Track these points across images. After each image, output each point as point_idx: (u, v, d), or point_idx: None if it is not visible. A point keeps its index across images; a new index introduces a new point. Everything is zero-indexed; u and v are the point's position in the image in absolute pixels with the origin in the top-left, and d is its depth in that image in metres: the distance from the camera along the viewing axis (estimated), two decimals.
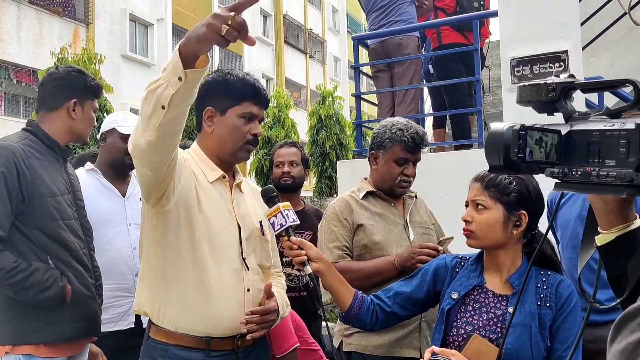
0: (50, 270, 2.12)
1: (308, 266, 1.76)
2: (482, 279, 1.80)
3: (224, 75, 1.90)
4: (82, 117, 2.32)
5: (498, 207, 1.74)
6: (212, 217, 1.82)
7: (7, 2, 14.96)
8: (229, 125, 1.87)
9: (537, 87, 1.00)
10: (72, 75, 2.33)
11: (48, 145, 2.25)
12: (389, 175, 2.44)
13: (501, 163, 0.93)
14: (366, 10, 5.04)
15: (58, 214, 2.17)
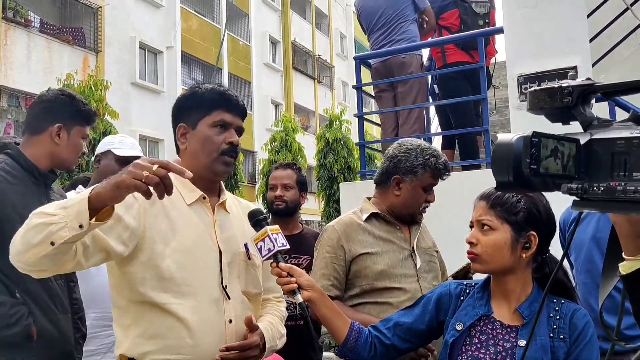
0: (17, 306, 1.97)
1: (299, 295, 1.62)
2: (489, 308, 1.64)
3: (192, 89, 1.81)
4: (67, 143, 2.21)
5: (505, 227, 1.59)
6: (189, 244, 1.68)
7: (17, 31, 15.17)
8: (201, 138, 1.74)
9: (550, 91, 0.86)
10: (60, 99, 2.23)
11: (26, 169, 2.13)
12: (415, 202, 2.29)
13: (510, 179, 0.80)
14: (367, 31, 4.97)
15: None
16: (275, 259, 1.64)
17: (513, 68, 3.77)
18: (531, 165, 0.77)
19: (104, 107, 10.07)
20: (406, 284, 2.21)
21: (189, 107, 1.78)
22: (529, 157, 0.77)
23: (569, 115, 0.86)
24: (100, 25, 17.19)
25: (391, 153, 2.34)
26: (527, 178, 0.78)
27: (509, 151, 0.80)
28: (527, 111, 0.92)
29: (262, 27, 25.16)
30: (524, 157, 0.77)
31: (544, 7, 3.71)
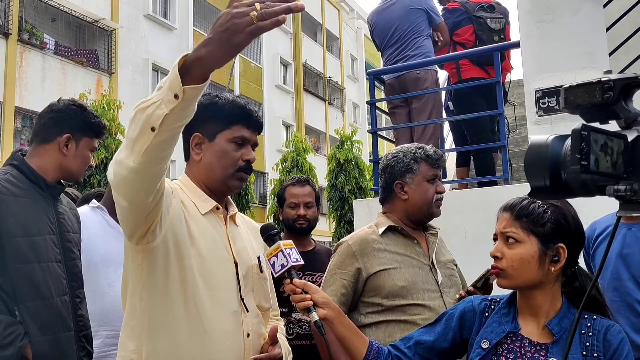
0: (13, 325, 1.88)
1: (314, 312, 1.54)
2: (516, 324, 1.55)
3: (211, 98, 1.72)
4: (75, 154, 2.15)
5: (532, 240, 1.51)
6: (206, 253, 1.62)
7: (32, 53, 15.40)
8: (218, 152, 1.69)
9: (588, 87, 0.80)
10: (71, 109, 2.19)
11: (33, 181, 2.08)
12: (426, 196, 2.24)
13: (547, 183, 0.73)
14: (381, 47, 4.91)
15: (33, 255, 1.97)
16: (289, 274, 1.57)
17: (530, 83, 3.70)
18: (582, 162, 0.70)
19: (117, 127, 10.12)
20: (429, 300, 2.13)
21: (208, 118, 1.68)
22: (578, 151, 0.70)
23: (608, 113, 0.80)
24: (114, 47, 17.43)
25: (382, 166, 2.35)
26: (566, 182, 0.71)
27: (544, 153, 0.73)
28: (561, 109, 0.85)
29: (273, 49, 25.39)
30: (574, 152, 0.70)
31: (562, 21, 3.65)
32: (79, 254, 2.20)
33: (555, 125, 3.61)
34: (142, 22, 18.78)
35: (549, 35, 3.67)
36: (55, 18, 16.81)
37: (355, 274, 2.16)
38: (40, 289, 1.95)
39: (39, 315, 1.93)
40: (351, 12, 34.19)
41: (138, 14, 18.61)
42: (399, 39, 4.68)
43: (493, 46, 4.35)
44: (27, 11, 15.57)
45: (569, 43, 3.61)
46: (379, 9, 4.91)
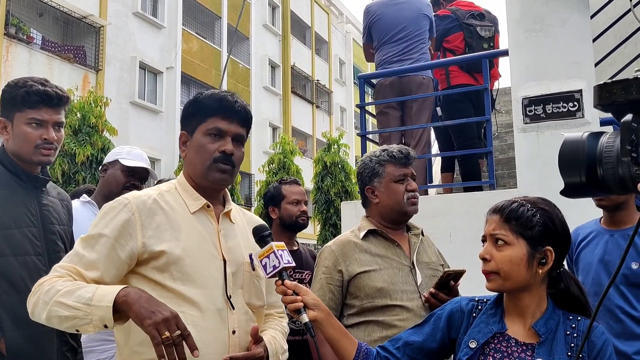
0: None
1: (304, 314, 1.56)
2: (503, 324, 1.58)
3: (196, 96, 1.77)
4: (13, 134, 2.02)
5: (521, 242, 1.54)
6: (192, 252, 1.63)
7: (19, 47, 15.22)
8: (196, 146, 1.71)
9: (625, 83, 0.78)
10: (4, 91, 2.05)
11: (12, 171, 2.01)
12: (395, 196, 2.26)
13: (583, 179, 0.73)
14: (378, 41, 4.79)
15: (9, 248, 1.92)
16: (280, 276, 1.59)
17: (517, 90, 3.75)
18: (632, 153, 0.70)
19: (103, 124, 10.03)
20: (407, 301, 2.15)
21: (190, 115, 1.75)
22: (629, 143, 0.70)
23: None
24: (102, 44, 17.29)
25: (356, 174, 2.42)
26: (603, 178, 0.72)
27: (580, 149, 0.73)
28: (594, 107, 0.83)
29: (262, 51, 25.37)
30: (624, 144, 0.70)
31: (549, 31, 3.71)
32: (65, 247, 2.14)
33: (540, 132, 3.67)
34: (131, 20, 18.65)
35: (537, 44, 3.73)
36: (42, 13, 16.64)
37: (339, 277, 2.20)
38: (15, 283, 1.90)
39: (14, 309, 1.88)
40: (340, 16, 34.28)
41: (127, 11, 18.48)
42: (405, 39, 4.63)
43: (482, 53, 4.41)
44: (14, 5, 15.39)
45: (556, 52, 3.67)
46: (386, 1, 4.80)
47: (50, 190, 2.17)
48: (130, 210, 1.60)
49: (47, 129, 2.03)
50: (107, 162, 2.78)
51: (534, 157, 3.62)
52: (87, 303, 1.45)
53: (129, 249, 1.58)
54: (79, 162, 9.36)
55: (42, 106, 2.02)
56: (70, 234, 2.23)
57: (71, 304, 1.46)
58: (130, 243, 1.58)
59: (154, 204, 1.64)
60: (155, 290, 1.57)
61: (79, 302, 1.45)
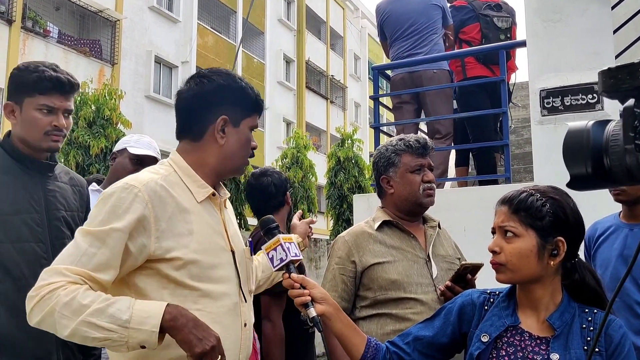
0: None
1: (312, 308, 1.52)
2: (515, 318, 1.53)
3: (238, 82, 1.67)
4: (22, 119, 1.95)
5: (530, 233, 1.48)
6: (207, 247, 1.56)
7: (35, 41, 15.35)
8: (243, 139, 1.65)
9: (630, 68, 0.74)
10: (11, 75, 2.00)
11: (15, 158, 1.96)
12: (411, 187, 2.20)
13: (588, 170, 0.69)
14: (390, 38, 4.76)
15: (4, 235, 1.86)
16: (287, 269, 1.55)
17: (535, 82, 3.68)
18: (636, 140, 0.66)
19: (117, 116, 10.07)
20: (422, 294, 2.10)
21: (237, 102, 1.64)
22: (632, 129, 0.66)
23: None
24: (118, 38, 17.38)
25: (372, 163, 2.36)
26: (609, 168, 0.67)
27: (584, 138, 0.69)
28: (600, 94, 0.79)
29: (277, 46, 25.34)
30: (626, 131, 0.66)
31: (569, 22, 3.63)
32: (72, 233, 2.04)
33: (558, 125, 3.59)
34: (147, 14, 18.71)
35: (555, 34, 3.65)
36: (59, 7, 16.75)
37: (352, 268, 2.15)
38: (11, 270, 1.85)
39: (9, 296, 1.82)
40: (356, 11, 34.12)
41: (142, 5, 18.54)
42: (414, 33, 4.56)
43: (499, 44, 4.32)
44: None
45: (575, 43, 3.58)
46: None
47: (60, 176, 2.12)
48: (143, 201, 1.47)
49: (57, 115, 1.99)
50: (116, 150, 2.76)
51: (552, 150, 3.54)
52: (123, 325, 1.35)
53: (141, 244, 1.46)
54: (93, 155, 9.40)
55: (53, 92, 1.98)
56: (81, 220, 2.18)
57: (104, 325, 1.34)
58: (142, 237, 1.46)
59: (162, 190, 1.52)
60: (170, 287, 1.50)
61: (114, 323, 1.35)
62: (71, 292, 1.36)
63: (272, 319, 2.51)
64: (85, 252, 1.42)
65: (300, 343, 2.72)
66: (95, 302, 1.36)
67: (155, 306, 1.40)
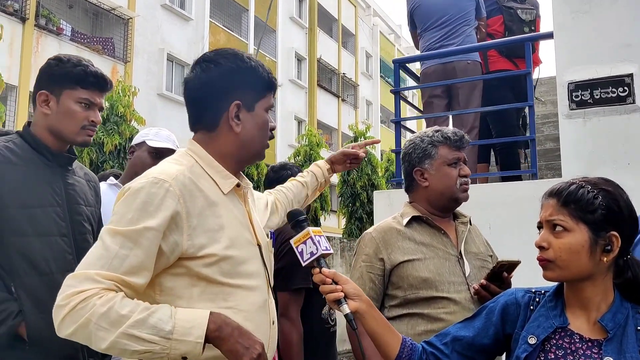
0: (5, 302, 1.75)
1: (345, 305, 1.43)
2: (564, 319, 1.44)
3: (247, 62, 1.55)
4: (57, 111, 1.92)
5: (581, 228, 1.39)
6: (237, 243, 1.48)
7: (49, 38, 15.40)
8: (260, 122, 1.55)
9: None
10: (46, 64, 1.97)
11: (36, 149, 1.92)
12: (448, 181, 2.10)
13: None
14: (420, 29, 4.60)
15: (31, 228, 1.81)
16: (317, 263, 1.46)
17: (563, 75, 3.56)
18: None
19: (131, 113, 10.04)
20: (455, 293, 2.01)
21: (248, 85, 1.54)
22: None
23: None
24: (130, 36, 17.40)
25: (402, 155, 2.26)
26: None
27: None
28: None
29: (288, 44, 25.28)
30: None
31: (598, 12, 3.51)
32: (92, 229, 2.05)
33: (587, 119, 3.47)
34: (159, 12, 18.73)
35: (584, 25, 3.53)
36: (72, 5, 16.81)
37: (381, 265, 2.06)
38: (38, 264, 1.81)
39: (36, 292, 1.79)
40: (367, 9, 33.99)
41: (155, 3, 18.56)
42: (446, 24, 4.42)
43: (525, 36, 4.20)
44: None
45: (605, 34, 3.46)
46: None
47: (76, 170, 2.09)
48: (175, 196, 1.37)
49: (94, 111, 1.99)
50: (135, 144, 2.71)
51: (580, 145, 3.44)
52: (166, 337, 1.27)
53: (174, 242, 1.37)
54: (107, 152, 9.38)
55: (94, 88, 1.98)
56: (97, 216, 2.14)
57: (146, 337, 1.26)
58: (175, 235, 1.37)
59: (191, 183, 1.43)
60: (200, 285, 1.41)
61: (157, 335, 1.27)
62: (108, 301, 1.27)
63: (291, 316, 2.44)
64: (116, 254, 1.32)
65: (321, 342, 2.64)
66: (135, 312, 1.27)
67: (199, 315, 1.33)
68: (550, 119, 6.33)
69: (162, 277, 1.40)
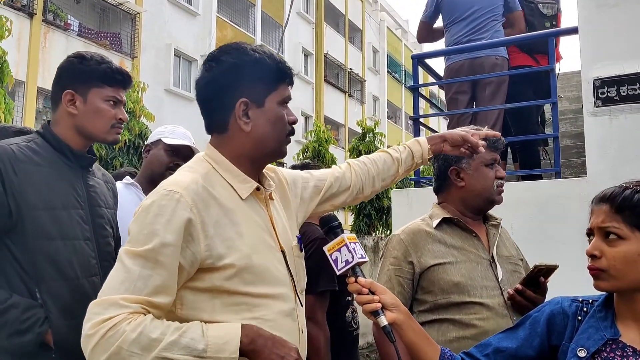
0: (32, 308, 1.69)
1: (382, 316, 1.37)
2: (615, 330, 1.36)
3: (252, 54, 1.46)
4: (85, 110, 1.87)
5: (638, 236, 1.32)
6: (258, 250, 1.41)
7: (56, 34, 15.36)
8: (272, 118, 1.46)
9: None
10: (68, 62, 1.91)
11: (58, 149, 1.86)
12: (485, 181, 2.03)
13: None
14: (447, 21, 4.46)
15: (57, 231, 1.75)
16: (353, 272, 1.40)
17: (588, 71, 3.47)
18: None
19: (140, 109, 9.98)
20: (488, 298, 1.93)
21: (254, 79, 1.45)
22: None
23: None
24: (137, 31, 17.34)
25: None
26: None
27: None
28: None
29: (295, 39, 25.17)
30: None
31: (625, 6, 3.41)
32: (113, 232, 2.00)
33: (614, 117, 3.38)
34: (166, 7, 18.66)
35: (610, 20, 3.44)
36: (79, 0, 16.75)
37: (410, 269, 1.99)
38: (63, 269, 1.75)
39: (62, 297, 1.73)
40: (375, 4, 33.84)
41: None
42: (475, 18, 4.28)
43: (548, 31, 4.10)
44: None
45: (632, 29, 3.37)
46: None
47: (95, 171, 2.03)
48: (187, 206, 1.32)
49: (121, 109, 1.96)
50: (150, 142, 2.64)
51: (606, 143, 3.34)
52: (200, 356, 1.24)
53: (191, 254, 1.32)
54: (116, 148, 9.33)
55: (119, 86, 1.95)
56: (116, 218, 2.08)
57: (179, 359, 1.23)
58: (191, 247, 1.32)
59: (204, 192, 1.37)
60: (222, 297, 1.35)
61: (190, 355, 1.24)
62: (137, 325, 1.23)
63: (318, 320, 2.38)
64: (139, 275, 1.28)
65: (344, 346, 2.57)
66: (167, 334, 1.24)
67: (231, 330, 1.29)
68: (566, 116, 6.23)
69: (182, 291, 1.35)
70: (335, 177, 1.77)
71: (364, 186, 1.81)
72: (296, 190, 1.69)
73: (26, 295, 1.70)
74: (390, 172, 1.85)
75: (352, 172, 1.80)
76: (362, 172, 1.81)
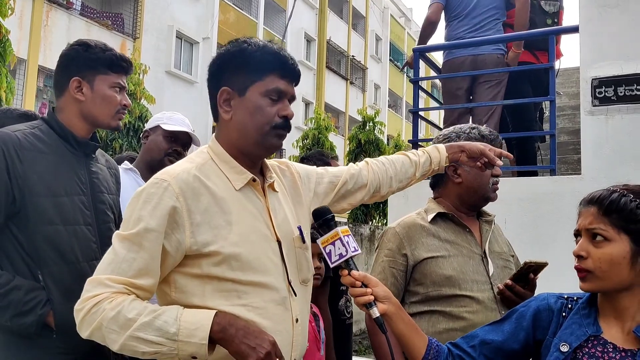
0: (34, 290, 1.75)
1: (375, 308, 1.43)
2: (597, 327, 1.42)
3: (239, 45, 1.50)
4: (93, 97, 1.91)
5: (623, 238, 1.36)
6: (247, 239, 1.45)
7: (58, 13, 15.28)
8: (251, 108, 1.47)
9: None
10: (73, 50, 1.95)
11: (61, 136, 1.90)
12: (482, 179, 2.07)
13: None
14: (449, 15, 4.44)
15: (59, 216, 1.80)
16: (346, 265, 1.44)
17: (587, 70, 3.50)
18: None
19: (141, 92, 9.98)
20: (478, 292, 1.99)
21: (236, 68, 1.48)
22: None
23: None
24: (140, 12, 17.25)
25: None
26: None
27: None
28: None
29: (298, 24, 25.05)
30: None
31: (626, 6, 3.44)
32: (115, 217, 2.04)
33: (610, 116, 3.42)
34: None
35: (611, 20, 3.47)
36: None
37: (404, 261, 2.04)
38: (65, 253, 1.81)
39: (63, 280, 1.79)
40: None
41: None
42: (479, 14, 4.29)
43: (549, 29, 4.12)
44: None
45: (633, 30, 3.40)
46: None
47: (98, 157, 2.08)
48: (173, 194, 1.38)
49: (124, 95, 2.02)
50: (149, 128, 2.68)
51: (602, 143, 3.39)
52: (172, 338, 1.31)
53: (176, 240, 1.39)
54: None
55: (123, 73, 2.01)
56: (118, 204, 2.13)
57: (152, 339, 1.31)
58: (176, 233, 1.38)
59: (196, 181, 1.43)
60: (212, 283, 1.41)
61: (162, 336, 1.31)
62: (117, 305, 1.33)
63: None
64: (124, 258, 1.37)
65: (338, 334, 2.64)
66: (142, 315, 1.32)
67: (204, 317, 1.34)
68: (565, 112, 6.27)
69: (175, 275, 1.43)
70: (350, 174, 1.79)
71: (381, 185, 1.83)
72: (310, 185, 1.72)
73: (29, 278, 1.76)
74: (407, 174, 1.88)
75: (370, 170, 1.82)
76: (379, 170, 1.83)
